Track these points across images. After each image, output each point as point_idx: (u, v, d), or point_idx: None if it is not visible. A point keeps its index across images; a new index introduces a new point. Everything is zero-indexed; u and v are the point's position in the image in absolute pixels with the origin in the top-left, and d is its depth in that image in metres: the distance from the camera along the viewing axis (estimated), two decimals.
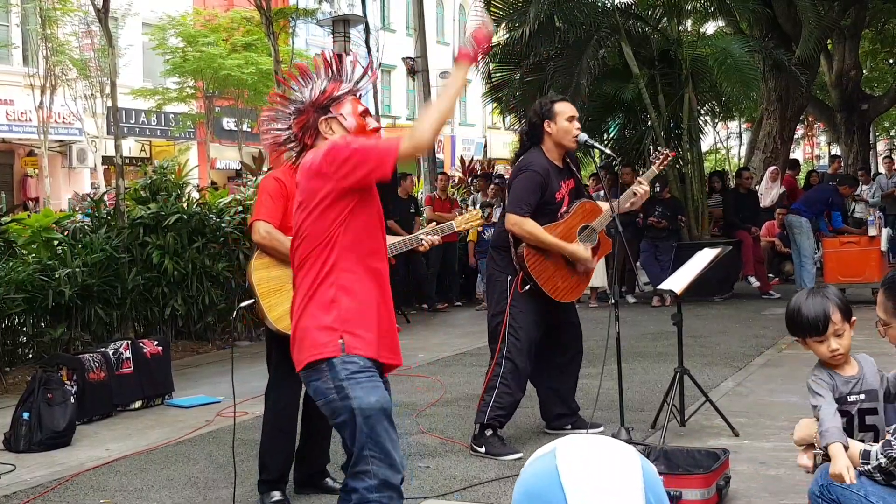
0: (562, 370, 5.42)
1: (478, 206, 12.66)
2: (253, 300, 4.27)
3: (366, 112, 3.31)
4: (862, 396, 2.99)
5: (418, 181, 15.53)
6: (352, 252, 3.06)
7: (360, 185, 3.03)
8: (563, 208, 5.16)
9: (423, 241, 4.36)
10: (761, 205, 12.91)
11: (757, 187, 13.51)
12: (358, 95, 3.32)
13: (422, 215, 12.16)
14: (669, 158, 5.66)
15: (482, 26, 3.17)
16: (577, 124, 5.11)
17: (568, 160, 5.25)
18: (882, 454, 2.77)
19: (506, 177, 11.67)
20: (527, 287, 5.05)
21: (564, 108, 5.12)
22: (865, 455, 2.79)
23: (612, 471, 1.13)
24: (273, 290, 4.12)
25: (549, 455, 1.17)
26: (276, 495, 4.31)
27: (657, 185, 11.06)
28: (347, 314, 3.00)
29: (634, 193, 5.26)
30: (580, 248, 5.08)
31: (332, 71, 3.30)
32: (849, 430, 2.97)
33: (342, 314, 3.00)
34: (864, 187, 14.90)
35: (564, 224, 5.13)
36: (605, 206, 5.28)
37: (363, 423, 2.89)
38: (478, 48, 3.12)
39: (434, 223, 4.63)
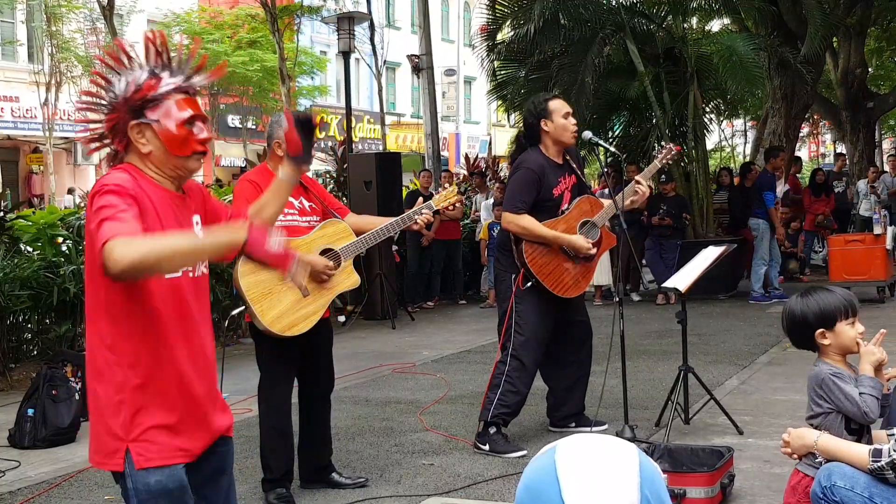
0: (575, 368, 5.42)
1: (481, 205, 12.67)
2: (244, 307, 4.28)
3: (195, 118, 2.60)
4: None
5: None
6: (138, 320, 2.44)
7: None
8: (564, 205, 5.15)
9: (417, 219, 4.37)
10: None
11: None
12: (192, 94, 2.60)
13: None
14: (673, 153, 5.65)
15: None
16: (572, 120, 5.14)
17: (568, 157, 5.25)
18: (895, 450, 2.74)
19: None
20: (528, 284, 5.06)
21: (559, 106, 5.14)
22: (876, 453, 2.76)
23: (608, 466, 1.15)
24: (263, 294, 4.07)
25: (549, 451, 1.20)
26: (281, 491, 4.32)
27: (662, 177, 11.02)
28: (138, 407, 2.42)
29: (635, 192, 5.24)
30: (578, 238, 5.08)
31: (162, 60, 2.57)
32: (847, 428, 2.98)
33: (131, 411, 2.41)
34: (871, 184, 14.82)
35: (564, 219, 5.12)
36: (606, 202, 5.28)
37: None
38: (286, 261, 2.37)
39: (421, 199, 4.65)
